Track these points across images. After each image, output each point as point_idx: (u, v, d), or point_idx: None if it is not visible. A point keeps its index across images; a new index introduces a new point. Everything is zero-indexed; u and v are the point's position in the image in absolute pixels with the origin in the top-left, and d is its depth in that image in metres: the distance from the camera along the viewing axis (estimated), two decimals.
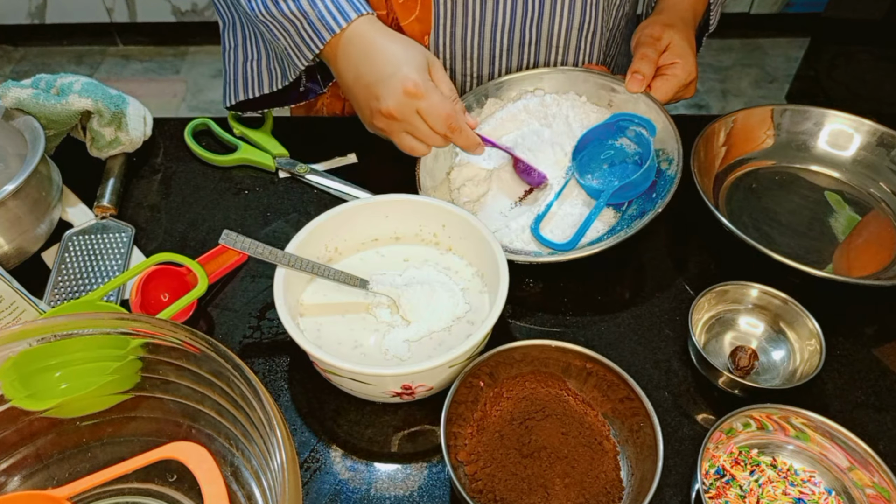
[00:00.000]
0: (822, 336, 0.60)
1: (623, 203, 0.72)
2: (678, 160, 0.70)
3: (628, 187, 0.70)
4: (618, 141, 0.75)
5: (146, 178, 0.81)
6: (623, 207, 0.72)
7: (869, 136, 0.79)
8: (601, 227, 0.71)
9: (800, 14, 2.58)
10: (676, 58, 0.76)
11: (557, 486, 0.51)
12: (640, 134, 0.73)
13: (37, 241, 0.71)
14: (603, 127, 0.75)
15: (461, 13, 0.79)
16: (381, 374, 0.54)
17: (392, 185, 0.71)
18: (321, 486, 0.55)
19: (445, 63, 0.85)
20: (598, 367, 0.56)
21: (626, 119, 0.74)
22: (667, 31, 0.77)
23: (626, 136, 0.75)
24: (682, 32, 0.77)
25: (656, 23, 0.79)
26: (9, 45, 2.66)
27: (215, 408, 0.50)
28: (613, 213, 0.72)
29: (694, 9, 0.82)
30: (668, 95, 0.76)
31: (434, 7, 0.78)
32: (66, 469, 0.51)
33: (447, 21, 0.79)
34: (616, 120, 0.74)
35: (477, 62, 0.84)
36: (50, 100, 0.74)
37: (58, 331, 0.48)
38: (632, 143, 0.74)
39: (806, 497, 0.53)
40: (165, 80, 2.54)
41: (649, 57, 0.75)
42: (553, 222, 0.71)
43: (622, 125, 0.74)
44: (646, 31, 0.78)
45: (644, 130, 0.72)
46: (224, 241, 0.59)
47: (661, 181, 0.71)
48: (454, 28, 0.80)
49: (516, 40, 0.81)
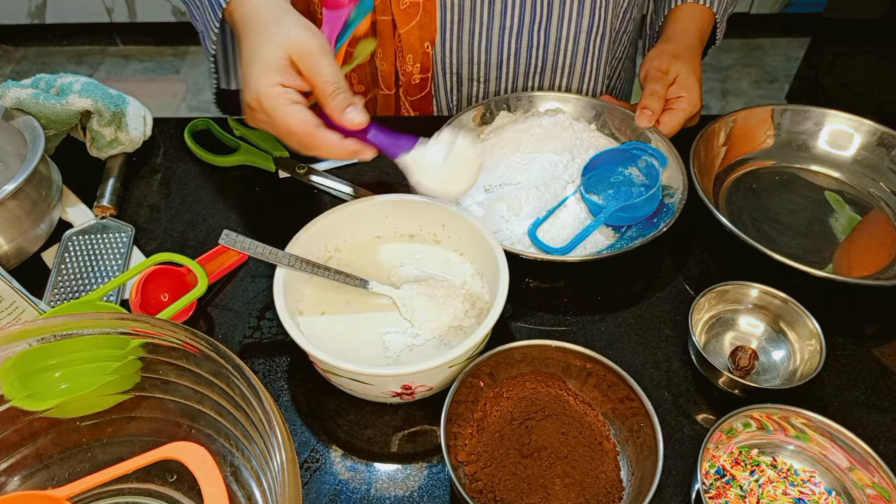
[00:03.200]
0: (822, 336, 0.60)
1: (623, 226, 0.73)
2: (683, 193, 0.71)
3: (629, 209, 0.71)
4: (627, 169, 0.76)
5: (146, 178, 0.81)
6: (622, 230, 0.73)
7: (869, 136, 0.79)
8: (600, 241, 0.71)
9: (800, 14, 2.58)
10: (682, 91, 0.76)
11: (557, 486, 0.51)
12: (650, 165, 0.74)
13: (37, 241, 0.71)
14: (616, 152, 0.76)
15: (468, 18, 0.78)
16: (381, 374, 0.54)
17: (392, 185, 0.71)
18: (321, 486, 0.55)
19: (452, 68, 0.84)
20: (598, 367, 0.56)
21: (640, 148, 0.75)
22: (674, 64, 0.78)
23: (637, 166, 0.76)
24: (688, 64, 0.78)
25: (664, 53, 0.79)
26: (9, 45, 2.66)
27: (215, 408, 0.50)
28: (612, 233, 0.73)
29: (701, 33, 0.83)
30: (675, 129, 0.76)
31: (440, 12, 0.78)
32: (66, 469, 0.51)
33: (454, 26, 0.79)
34: (630, 147, 0.76)
35: (484, 66, 0.83)
36: (50, 100, 0.74)
37: (58, 331, 0.48)
38: (640, 173, 0.75)
39: (806, 497, 0.53)
40: (165, 80, 2.54)
41: (658, 93, 0.76)
42: (553, 230, 0.71)
43: (635, 154, 0.75)
44: (654, 63, 0.79)
45: (655, 161, 0.73)
46: (224, 241, 0.59)
47: (663, 211, 0.72)
48: (461, 33, 0.80)
49: (524, 44, 0.81)
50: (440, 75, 0.85)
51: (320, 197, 0.78)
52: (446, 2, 0.77)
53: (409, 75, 0.85)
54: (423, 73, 0.85)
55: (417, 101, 0.88)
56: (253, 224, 0.75)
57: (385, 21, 0.80)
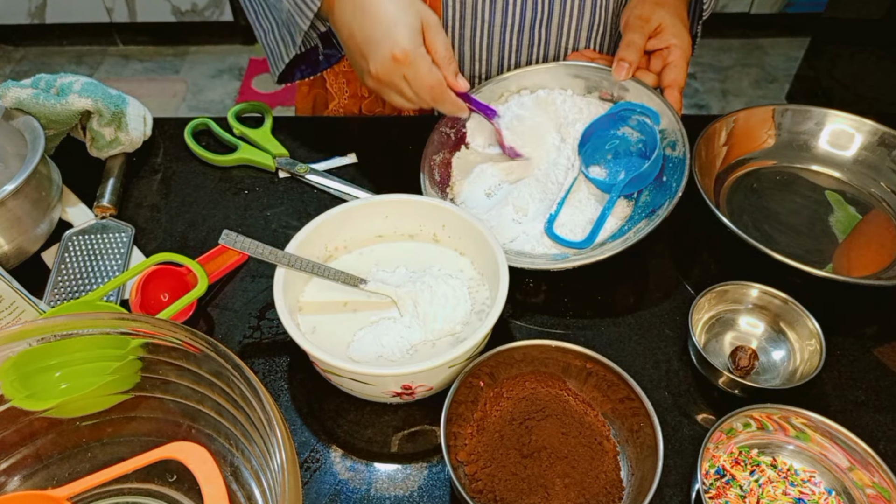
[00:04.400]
0: (822, 336, 0.60)
1: (633, 192, 0.71)
2: (682, 140, 0.69)
3: (637, 179, 0.70)
4: (620, 130, 0.74)
5: (146, 178, 0.81)
6: (635, 196, 0.71)
7: (870, 136, 0.79)
8: (617, 221, 0.70)
9: (800, 14, 2.58)
10: (672, 38, 0.73)
11: (557, 486, 0.51)
12: (642, 122, 0.72)
13: (37, 241, 0.71)
14: (605, 118, 0.74)
15: (470, 14, 0.78)
16: (381, 374, 0.54)
17: (392, 185, 0.71)
18: (321, 486, 0.55)
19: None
20: (598, 367, 0.56)
21: (629, 109, 0.73)
22: (657, 11, 0.74)
23: (629, 125, 0.74)
24: (672, 9, 0.74)
25: (646, 2, 0.76)
26: (9, 45, 2.67)
27: (215, 408, 0.50)
28: (626, 202, 0.71)
29: None
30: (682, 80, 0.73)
31: (443, 9, 0.78)
32: (66, 469, 0.51)
33: (456, 23, 0.79)
34: (618, 110, 0.73)
35: (486, 63, 0.83)
36: (50, 100, 0.74)
37: (58, 331, 0.48)
38: (634, 131, 0.73)
39: (806, 497, 0.53)
40: (165, 80, 2.54)
41: (636, 44, 0.73)
42: (569, 222, 0.70)
43: (624, 115, 0.73)
44: (635, 11, 0.76)
45: (647, 119, 0.72)
46: (224, 241, 0.59)
47: (668, 165, 0.70)
48: (463, 30, 0.80)
49: (525, 41, 0.81)
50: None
51: (320, 197, 0.78)
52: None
53: None
54: None
55: None
56: (253, 224, 0.75)
57: None
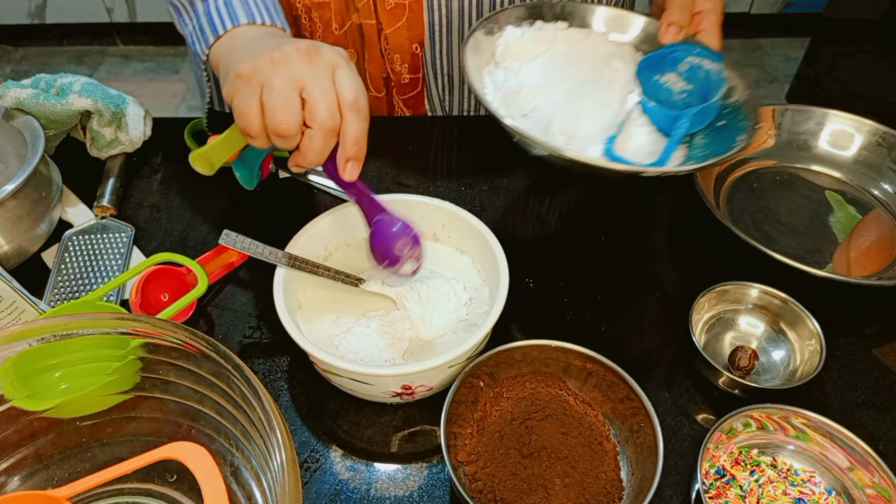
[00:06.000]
0: (822, 336, 0.60)
1: (686, 136, 0.65)
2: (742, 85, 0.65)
3: (703, 112, 0.63)
4: (664, 77, 0.67)
5: (146, 178, 0.81)
6: (689, 141, 0.66)
7: (870, 136, 0.79)
8: (675, 160, 0.64)
9: (800, 14, 2.58)
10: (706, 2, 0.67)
11: (557, 486, 0.51)
12: (694, 68, 0.65)
13: (37, 241, 0.71)
14: (654, 59, 0.67)
15: (456, 19, 0.78)
16: (381, 374, 0.54)
17: (392, 185, 0.71)
18: (321, 486, 0.55)
19: (442, 69, 0.84)
20: (598, 367, 0.56)
21: (683, 50, 0.65)
22: None
23: (675, 71, 0.67)
24: None
25: None
26: (9, 45, 2.66)
27: (215, 408, 0.50)
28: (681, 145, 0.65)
29: None
30: (720, 42, 0.67)
31: (427, 14, 0.77)
32: (66, 469, 0.51)
33: (442, 28, 0.79)
34: (670, 52, 0.66)
35: None
36: (50, 100, 0.74)
37: (58, 331, 0.48)
38: (680, 79, 0.67)
39: (806, 497, 0.53)
40: (165, 80, 2.54)
41: (687, 6, 0.66)
42: (629, 148, 0.63)
43: (676, 57, 0.66)
44: None
45: (705, 60, 0.65)
46: (224, 241, 0.58)
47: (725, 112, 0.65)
48: (450, 35, 0.79)
49: None
50: (431, 77, 0.85)
51: (320, 197, 0.78)
52: (433, 3, 0.77)
53: (399, 74, 0.85)
54: (413, 74, 0.85)
55: (409, 99, 0.89)
56: (253, 224, 0.75)
57: (369, 25, 0.80)
